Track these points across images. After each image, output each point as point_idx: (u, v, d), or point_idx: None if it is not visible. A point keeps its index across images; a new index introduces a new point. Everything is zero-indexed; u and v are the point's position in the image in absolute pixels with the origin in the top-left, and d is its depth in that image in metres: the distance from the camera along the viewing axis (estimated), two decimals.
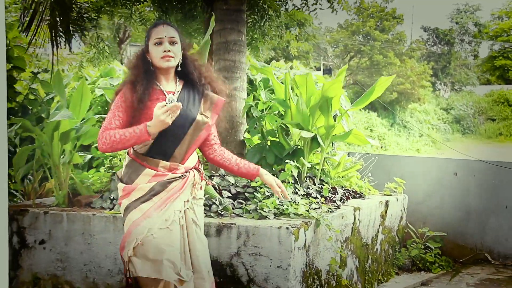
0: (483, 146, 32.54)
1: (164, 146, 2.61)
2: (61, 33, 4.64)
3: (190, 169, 2.69)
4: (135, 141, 2.48)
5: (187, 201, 2.66)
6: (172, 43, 2.61)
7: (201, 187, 2.78)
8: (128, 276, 2.59)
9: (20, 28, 4.50)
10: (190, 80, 2.72)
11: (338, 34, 35.49)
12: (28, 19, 4.52)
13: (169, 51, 2.58)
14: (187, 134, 2.63)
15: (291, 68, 6.50)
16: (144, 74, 2.61)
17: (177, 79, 2.72)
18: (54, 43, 4.53)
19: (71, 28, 4.64)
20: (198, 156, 2.86)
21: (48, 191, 4.73)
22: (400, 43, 34.75)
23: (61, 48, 4.70)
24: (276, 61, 6.66)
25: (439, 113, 38.52)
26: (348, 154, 5.89)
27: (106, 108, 6.44)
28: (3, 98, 1.63)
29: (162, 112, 2.40)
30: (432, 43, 47.02)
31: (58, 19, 4.63)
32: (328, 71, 41.54)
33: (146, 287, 2.54)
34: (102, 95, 6.87)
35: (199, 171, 2.76)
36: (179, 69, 2.68)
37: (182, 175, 2.63)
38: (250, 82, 6.21)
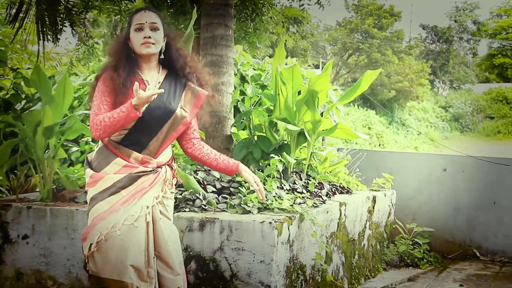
0: (482, 144, 32.60)
1: (139, 136, 2.55)
2: (48, 27, 4.59)
3: (163, 164, 2.63)
4: (125, 119, 2.39)
5: (157, 197, 2.59)
6: (154, 29, 2.55)
7: (172, 184, 2.72)
8: (87, 271, 2.55)
9: (6, 21, 4.47)
10: (173, 69, 2.66)
11: (337, 32, 35.49)
12: (14, 11, 4.48)
13: (149, 37, 2.52)
14: (163, 128, 2.57)
15: (286, 64, 6.48)
16: (126, 60, 2.55)
17: (160, 68, 2.66)
18: (41, 36, 4.49)
19: (58, 22, 4.59)
20: (173, 153, 2.82)
21: (34, 185, 4.71)
22: (398, 40, 34.78)
23: (47, 41, 4.66)
24: (269, 57, 6.64)
25: (437, 111, 38.55)
26: (337, 150, 5.87)
27: None
28: None
29: (150, 92, 2.36)
30: (431, 41, 47.05)
31: (45, 12, 4.59)
32: None
33: (106, 285, 2.49)
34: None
35: (171, 168, 2.70)
36: (162, 56, 2.62)
37: (153, 170, 2.57)
38: (243, 78, 6.18)
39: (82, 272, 3.65)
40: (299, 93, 4.43)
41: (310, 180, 4.31)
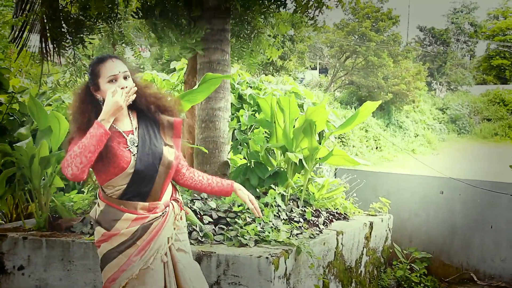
0: (479, 146, 32.64)
1: (139, 187, 2.49)
2: (50, 45, 4.58)
3: (169, 202, 2.61)
4: (96, 141, 2.30)
5: (171, 237, 2.57)
6: (125, 77, 2.48)
7: (181, 217, 2.68)
8: None
9: (10, 38, 4.47)
10: (141, 111, 2.58)
11: (334, 34, 35.50)
12: (18, 29, 4.49)
13: (126, 86, 2.43)
14: (159, 171, 2.51)
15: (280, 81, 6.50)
16: (95, 118, 2.39)
17: (129, 112, 2.57)
18: (44, 53, 4.48)
19: (61, 39, 4.57)
20: (173, 184, 2.76)
21: (30, 212, 4.69)
22: (395, 43, 34.81)
23: (51, 60, 4.62)
24: (265, 75, 6.64)
25: (434, 113, 38.58)
26: (336, 169, 5.88)
27: None
28: None
29: (119, 96, 2.32)
30: (428, 43, 47.09)
31: (48, 30, 4.58)
32: (324, 70, 41.51)
33: None
34: None
35: (177, 201, 2.67)
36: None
37: (162, 213, 2.54)
38: (240, 97, 6.18)
39: None
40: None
41: (307, 208, 4.31)
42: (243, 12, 4.45)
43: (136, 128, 2.54)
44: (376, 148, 30.19)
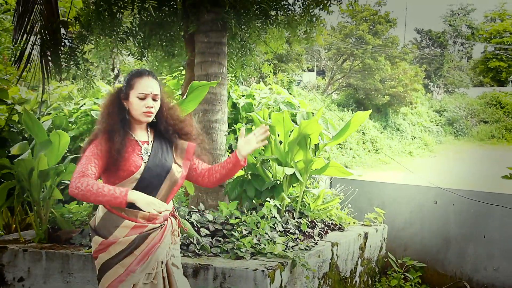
0: (476, 149, 32.70)
1: None
2: (51, 66, 4.65)
3: (168, 217, 2.69)
4: (109, 200, 2.39)
5: (168, 251, 2.65)
6: (155, 99, 2.63)
7: (178, 233, 2.79)
8: None
9: (11, 61, 4.54)
10: (159, 130, 2.73)
11: (331, 37, 35.55)
12: (19, 51, 4.56)
13: (151, 107, 2.60)
14: (164, 184, 2.63)
15: (271, 89, 6.58)
16: (121, 123, 2.60)
17: (148, 128, 2.73)
18: (45, 74, 4.55)
19: (61, 62, 4.65)
20: (173, 202, 2.88)
21: (29, 223, 4.75)
22: (393, 46, 34.87)
23: (51, 79, 4.71)
24: (257, 83, 6.73)
25: (432, 115, 38.59)
26: (331, 179, 5.95)
27: (90, 126, 6.45)
28: None
29: (154, 206, 2.43)
30: (425, 45, 47.18)
31: (49, 53, 4.66)
32: (321, 73, 41.54)
33: None
34: (87, 115, 6.90)
35: (175, 217, 2.77)
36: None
37: (161, 225, 2.63)
38: (234, 106, 6.25)
39: None
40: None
41: (302, 219, 4.38)
42: (237, 28, 4.53)
43: (151, 142, 2.69)
44: (375, 150, 30.23)
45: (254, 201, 4.50)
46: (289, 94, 6.70)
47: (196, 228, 3.93)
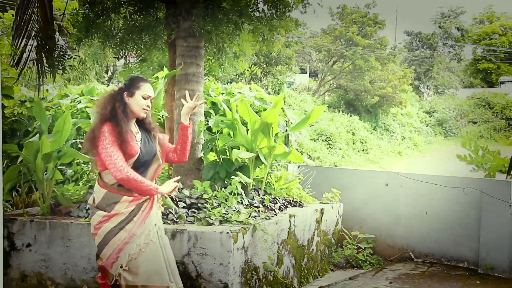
0: (464, 149, 33.25)
1: (137, 172, 3.32)
2: (46, 69, 5.41)
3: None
4: (147, 190, 3.27)
5: (157, 214, 3.46)
6: (151, 101, 3.45)
7: (162, 204, 3.72)
8: (117, 283, 3.27)
9: (10, 63, 5.30)
10: (143, 124, 3.52)
11: (322, 39, 36.10)
12: (17, 56, 5.31)
13: (149, 106, 3.42)
14: (152, 164, 3.45)
15: (250, 89, 7.34)
16: (123, 113, 3.33)
17: (135, 123, 3.51)
18: (40, 75, 5.31)
19: (55, 64, 5.40)
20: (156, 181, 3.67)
21: (34, 201, 5.51)
22: (382, 47, 35.35)
23: (46, 78, 5.47)
24: (236, 83, 7.50)
25: (421, 116, 38.96)
26: (298, 166, 6.73)
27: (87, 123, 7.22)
28: None
29: (172, 189, 3.43)
30: (415, 47, 47.75)
31: (44, 56, 5.41)
32: (314, 74, 42.08)
33: None
34: (83, 111, 7.66)
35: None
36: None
37: (150, 197, 3.42)
38: (214, 103, 7.03)
39: (75, 274, 4.46)
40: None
41: (266, 196, 5.16)
42: (211, 34, 5.32)
43: (138, 132, 3.47)
44: (363, 150, 30.74)
45: (225, 181, 5.28)
46: (268, 94, 7.47)
47: (175, 202, 4.70)
